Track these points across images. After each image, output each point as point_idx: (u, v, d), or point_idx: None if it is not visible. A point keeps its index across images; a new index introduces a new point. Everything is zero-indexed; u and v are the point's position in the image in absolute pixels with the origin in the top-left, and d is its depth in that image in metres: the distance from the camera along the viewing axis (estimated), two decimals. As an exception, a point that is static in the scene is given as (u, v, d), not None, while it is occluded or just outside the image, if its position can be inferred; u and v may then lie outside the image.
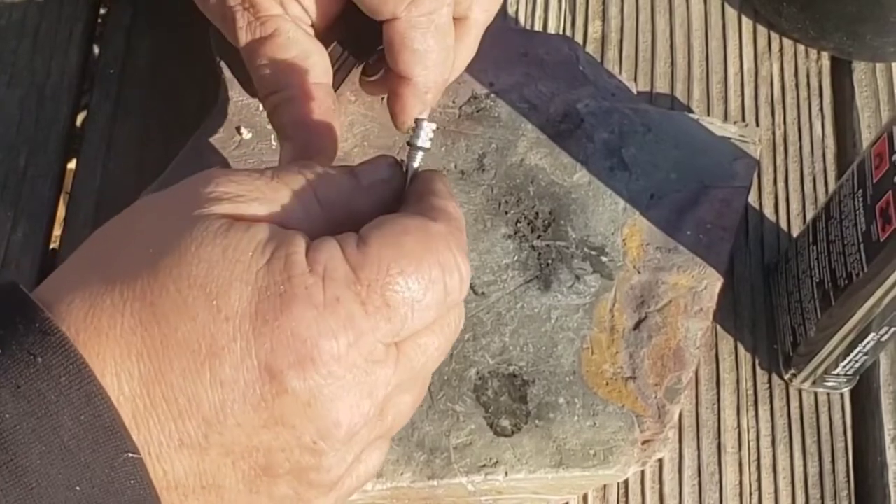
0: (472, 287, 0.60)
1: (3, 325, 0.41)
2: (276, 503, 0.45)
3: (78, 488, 0.40)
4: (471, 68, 0.61)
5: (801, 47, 0.76)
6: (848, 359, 0.62)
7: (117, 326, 0.41)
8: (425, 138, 0.48)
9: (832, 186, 0.71)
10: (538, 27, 0.74)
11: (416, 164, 0.48)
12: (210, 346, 0.41)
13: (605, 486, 0.62)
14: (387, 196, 0.48)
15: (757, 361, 0.66)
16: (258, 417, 0.42)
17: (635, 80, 0.73)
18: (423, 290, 0.44)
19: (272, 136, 0.64)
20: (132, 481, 0.41)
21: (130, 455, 0.40)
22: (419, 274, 0.44)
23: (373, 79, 0.61)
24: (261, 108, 0.64)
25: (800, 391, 0.65)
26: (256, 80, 0.57)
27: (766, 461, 0.64)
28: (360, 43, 0.59)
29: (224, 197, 0.44)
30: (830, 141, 0.73)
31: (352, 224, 0.46)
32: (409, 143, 0.48)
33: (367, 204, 0.47)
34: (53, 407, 0.40)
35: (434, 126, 0.48)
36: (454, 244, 0.45)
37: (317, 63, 0.56)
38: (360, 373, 0.43)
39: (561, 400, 0.59)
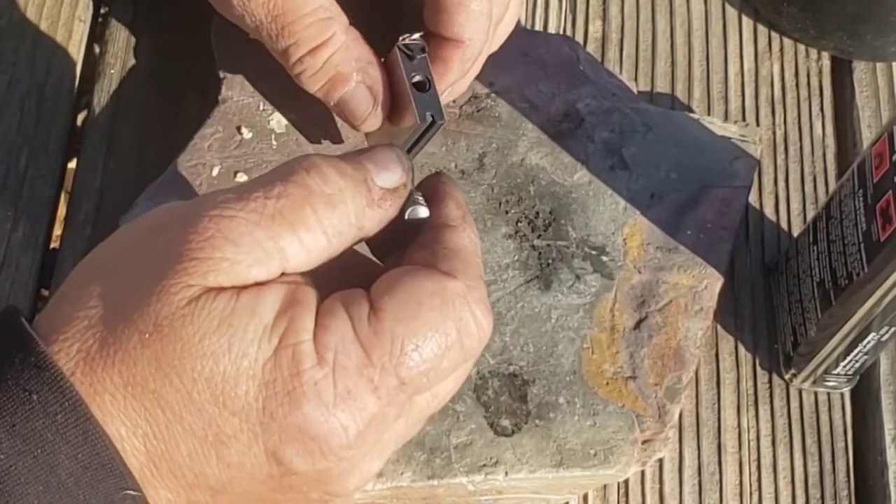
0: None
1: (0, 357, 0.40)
2: None
3: None
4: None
5: (802, 47, 0.76)
6: (848, 358, 0.62)
7: (121, 408, 0.41)
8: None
9: (832, 186, 0.71)
10: (538, 27, 0.74)
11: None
12: (216, 435, 0.41)
13: (605, 485, 0.62)
14: (396, 205, 0.46)
15: (757, 361, 0.66)
16: (266, 487, 0.43)
17: (636, 79, 0.73)
18: (440, 358, 0.43)
19: (272, 136, 0.64)
20: None
21: (130, 492, 0.40)
22: (436, 343, 0.42)
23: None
24: (261, 107, 0.64)
25: (800, 391, 0.65)
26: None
27: (767, 461, 0.63)
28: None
29: (222, 265, 0.41)
30: (831, 141, 0.73)
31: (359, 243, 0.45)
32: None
33: (376, 219, 0.45)
34: (50, 446, 0.39)
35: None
36: (473, 300, 0.43)
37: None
38: (371, 444, 0.43)
39: (561, 399, 0.59)
